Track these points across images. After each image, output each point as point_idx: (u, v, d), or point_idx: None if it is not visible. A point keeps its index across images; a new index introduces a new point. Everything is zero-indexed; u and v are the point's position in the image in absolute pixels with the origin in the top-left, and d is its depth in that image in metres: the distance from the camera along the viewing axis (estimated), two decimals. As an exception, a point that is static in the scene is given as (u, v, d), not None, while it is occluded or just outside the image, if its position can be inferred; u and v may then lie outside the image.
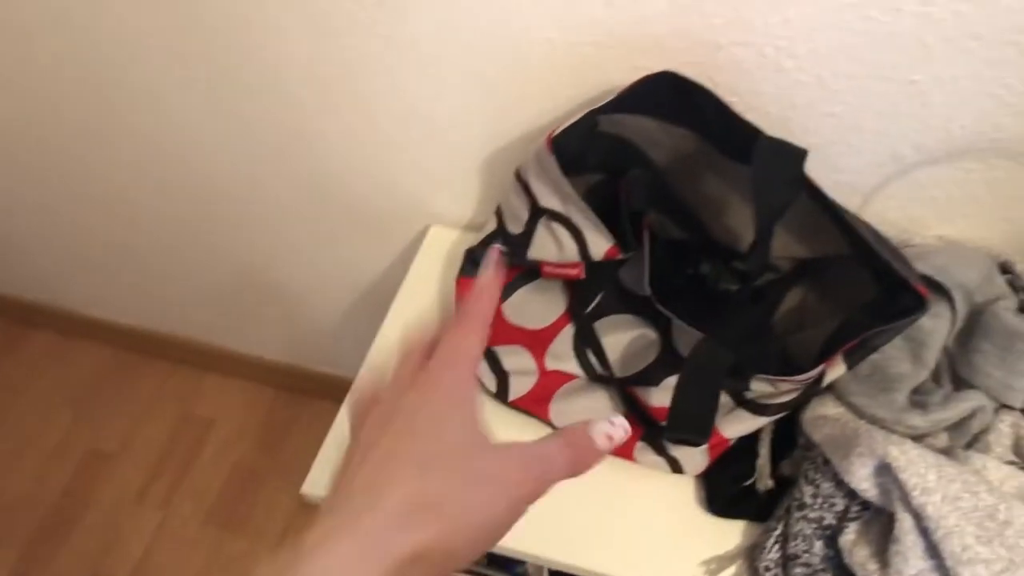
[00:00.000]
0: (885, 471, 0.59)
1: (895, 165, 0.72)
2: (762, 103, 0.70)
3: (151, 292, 1.41)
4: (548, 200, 0.73)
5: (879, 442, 0.58)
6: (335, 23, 0.77)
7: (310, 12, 0.77)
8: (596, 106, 0.68)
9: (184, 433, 1.61)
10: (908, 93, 0.66)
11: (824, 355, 0.62)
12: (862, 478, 0.60)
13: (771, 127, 0.71)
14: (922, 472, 0.57)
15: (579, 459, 0.40)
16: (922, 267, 0.68)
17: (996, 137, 0.66)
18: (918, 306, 0.59)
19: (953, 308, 0.67)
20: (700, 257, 0.77)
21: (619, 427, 0.41)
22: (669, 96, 0.68)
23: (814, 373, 0.63)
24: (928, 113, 0.67)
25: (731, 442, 0.72)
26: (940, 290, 0.68)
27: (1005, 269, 0.72)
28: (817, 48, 0.65)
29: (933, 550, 0.57)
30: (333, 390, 1.24)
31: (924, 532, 0.57)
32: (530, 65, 0.74)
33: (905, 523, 0.58)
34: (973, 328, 0.67)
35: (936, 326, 0.68)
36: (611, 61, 0.71)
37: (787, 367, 0.67)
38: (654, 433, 0.74)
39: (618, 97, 0.67)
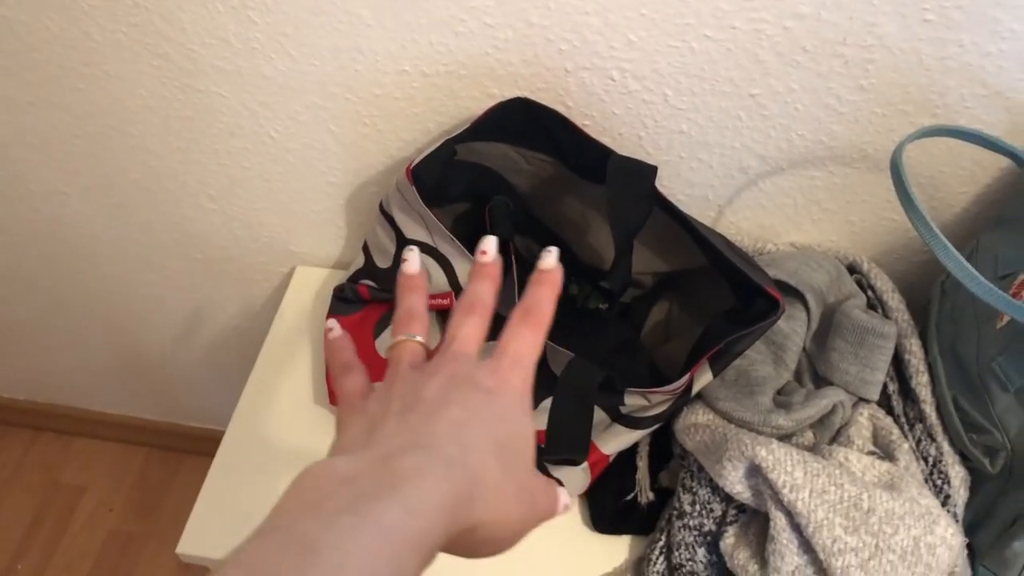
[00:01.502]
0: (755, 472, 0.61)
1: (743, 177, 0.75)
2: (614, 124, 0.72)
3: (3, 358, 1.33)
4: (414, 232, 0.73)
5: (747, 444, 0.60)
6: (181, 64, 0.75)
7: (154, 56, 0.74)
8: (452, 135, 0.69)
9: (52, 503, 1.51)
10: (748, 107, 0.69)
11: (689, 364, 0.64)
12: (735, 481, 0.62)
13: (626, 147, 0.73)
14: (789, 470, 0.58)
15: (549, 514, 0.41)
16: (775, 273, 0.70)
17: (832, 144, 0.70)
18: (772, 310, 0.61)
19: (807, 310, 0.70)
20: (567, 278, 0.79)
21: (569, 503, 0.43)
22: (523, 122, 0.69)
23: (682, 382, 0.64)
24: (768, 125, 0.70)
25: (611, 458, 0.72)
26: (794, 293, 0.71)
27: (853, 269, 0.75)
28: (660, 69, 0.67)
29: (807, 545, 0.59)
30: (209, 445, 1.19)
31: (797, 528, 0.59)
32: (386, 98, 0.74)
33: (779, 521, 0.59)
34: (827, 327, 0.70)
35: (793, 328, 0.70)
36: (466, 90, 0.72)
37: (657, 379, 0.69)
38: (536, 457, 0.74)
39: (472, 125, 0.68)
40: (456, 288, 0.73)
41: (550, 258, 0.45)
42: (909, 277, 0.79)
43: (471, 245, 0.74)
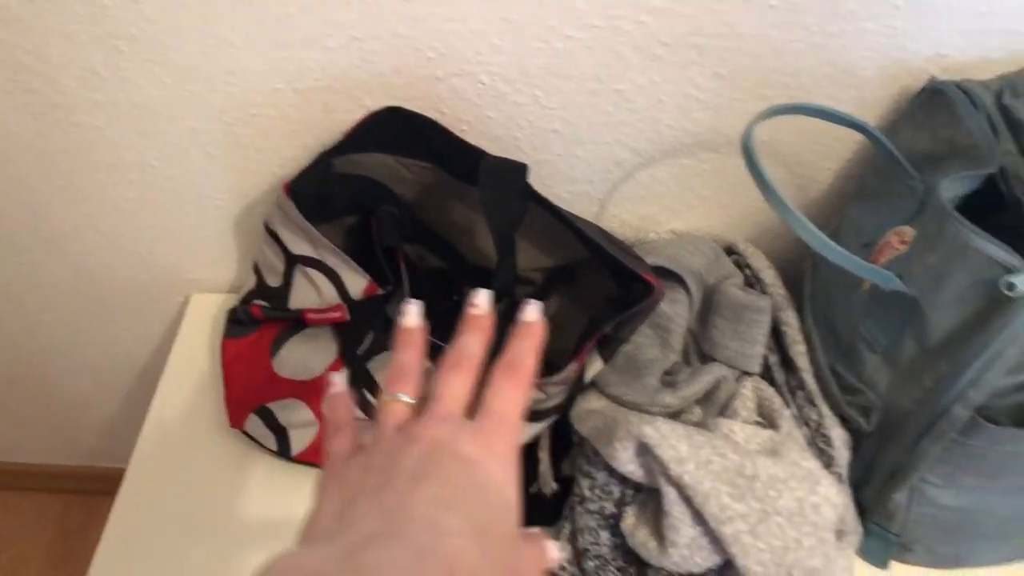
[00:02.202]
0: (644, 451, 0.63)
1: (619, 170, 0.77)
2: (490, 128, 0.74)
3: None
4: (299, 247, 0.73)
5: (634, 424, 0.62)
6: (52, 99, 0.74)
7: (24, 92, 0.73)
8: (328, 148, 0.70)
9: (-34, 563, 1.46)
10: (615, 101, 0.71)
11: (577, 352, 0.66)
12: (626, 461, 0.64)
13: (504, 149, 0.75)
14: (674, 444, 0.61)
15: None
16: (655, 260, 0.73)
17: (697, 132, 0.73)
18: (648, 293, 0.63)
19: (688, 292, 0.73)
20: (460, 283, 0.80)
21: (561, 556, 0.43)
22: (397, 131, 0.70)
23: (571, 370, 0.66)
24: (636, 118, 0.72)
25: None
26: (675, 278, 0.73)
27: (730, 251, 0.78)
28: (527, 70, 0.69)
29: (700, 516, 0.61)
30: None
31: (689, 501, 0.61)
32: (263, 117, 0.74)
33: (670, 495, 0.61)
34: (708, 307, 0.73)
35: (676, 311, 0.73)
36: (341, 103, 0.73)
37: (551, 370, 0.70)
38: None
39: (347, 137, 0.69)
40: (346, 299, 0.74)
41: (532, 310, 0.45)
42: (786, 255, 0.82)
43: (365, 258, 0.75)
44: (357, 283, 0.72)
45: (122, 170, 0.81)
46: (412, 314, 0.46)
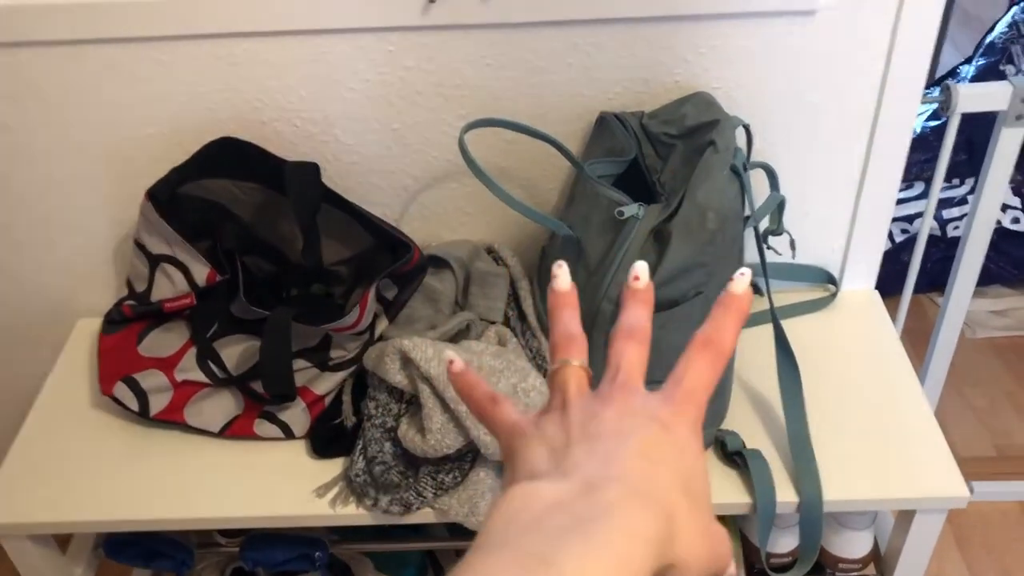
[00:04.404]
0: (407, 362, 0.87)
1: (406, 193, 1.05)
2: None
3: None
4: (157, 247, 0.97)
5: (397, 342, 0.86)
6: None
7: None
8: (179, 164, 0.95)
9: None
10: (393, 138, 1.00)
11: (356, 298, 0.90)
12: (395, 372, 0.87)
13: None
14: (423, 348, 0.85)
15: (724, 565, 0.40)
16: (429, 252, 0.99)
17: (457, 161, 1.01)
18: (414, 256, 0.89)
19: (454, 272, 0.99)
20: (289, 283, 1.04)
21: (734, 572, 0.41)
22: (230, 157, 0.96)
23: (362, 318, 0.90)
24: (411, 151, 1.01)
25: (326, 399, 0.96)
26: (444, 264, 1.00)
27: (489, 250, 1.05)
28: (328, 115, 0.98)
29: (446, 405, 0.85)
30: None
31: (438, 395, 0.85)
32: (137, 156, 1.00)
33: (424, 391, 0.85)
34: (468, 283, 0.99)
35: (444, 286, 0.99)
36: (194, 143, 0.98)
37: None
38: (266, 407, 0.97)
39: (194, 158, 0.95)
40: (194, 288, 0.97)
41: (741, 281, 0.43)
42: (529, 246, 1.08)
43: (211, 259, 0.99)
44: (201, 272, 0.96)
45: (7, 209, 1.04)
46: (563, 276, 0.46)
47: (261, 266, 1.05)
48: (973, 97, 1.01)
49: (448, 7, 0.89)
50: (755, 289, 1.04)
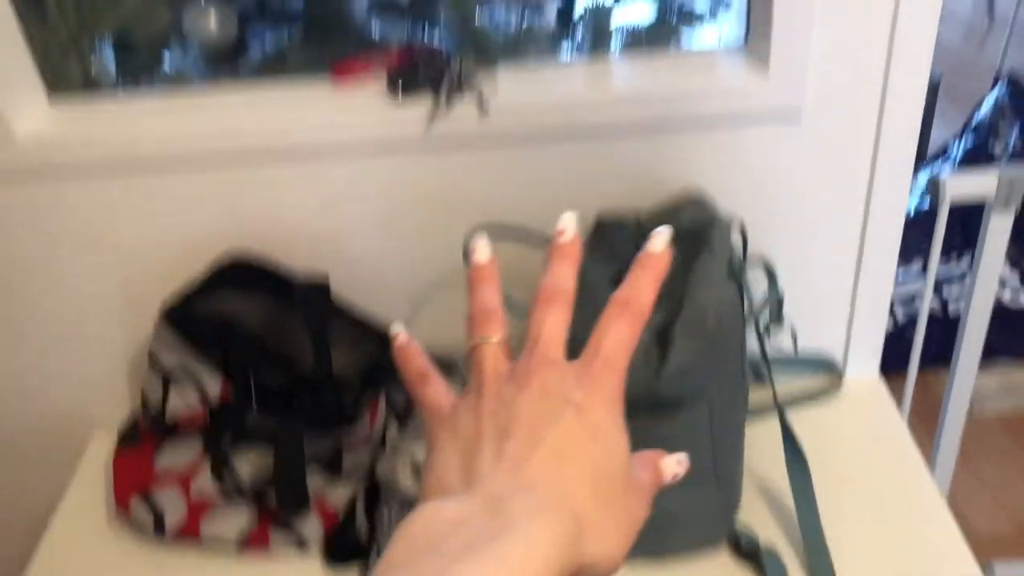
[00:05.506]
0: (420, 472, 0.87)
1: (413, 300, 1.07)
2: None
3: None
4: (172, 362, 0.99)
5: (408, 449, 0.87)
6: (-12, 272, 1.02)
7: (-33, 267, 1.01)
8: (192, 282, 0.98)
9: None
10: (399, 248, 1.03)
11: (369, 405, 0.92)
12: (407, 481, 0.88)
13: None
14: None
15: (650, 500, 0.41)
16: (437, 356, 1.01)
17: (463, 269, 1.04)
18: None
19: (462, 377, 1.01)
20: (301, 393, 1.06)
21: (682, 463, 0.43)
22: (241, 272, 0.99)
23: (373, 426, 0.91)
24: (415, 260, 1.03)
25: (339, 509, 0.97)
26: (451, 367, 1.01)
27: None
28: (334, 229, 1.01)
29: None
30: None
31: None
32: (154, 274, 1.03)
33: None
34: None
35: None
36: (206, 260, 1.01)
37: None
38: (281, 519, 0.97)
39: (206, 276, 0.98)
40: (208, 401, 0.99)
41: (660, 239, 0.43)
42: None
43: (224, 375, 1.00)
44: (214, 388, 0.98)
45: (28, 322, 1.07)
46: (483, 248, 0.45)
47: (272, 376, 1.07)
48: (960, 187, 1.04)
49: (448, 124, 0.93)
50: (759, 380, 1.06)
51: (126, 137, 0.93)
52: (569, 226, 0.44)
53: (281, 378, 1.07)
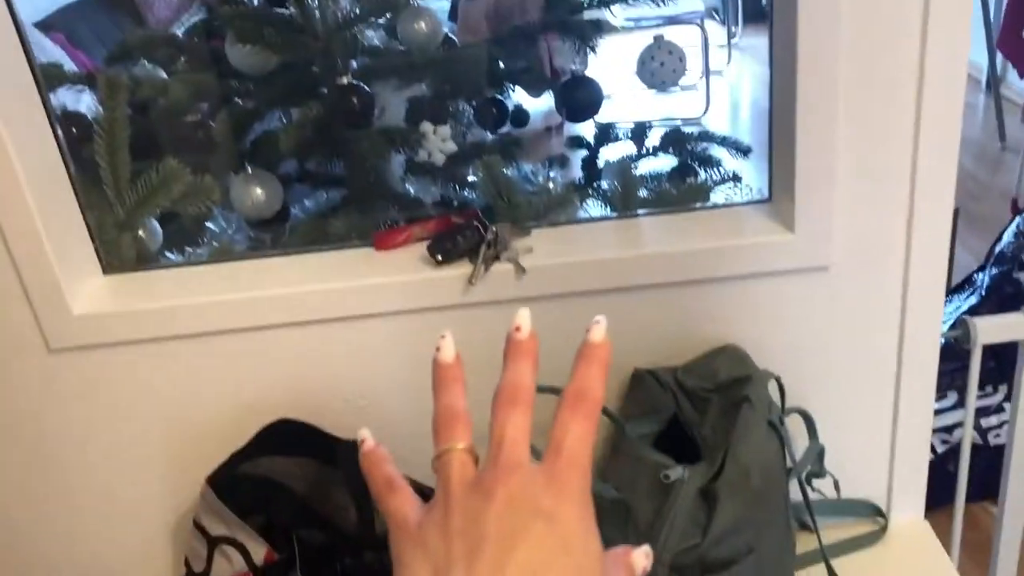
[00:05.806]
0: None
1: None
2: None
3: None
4: (216, 529, 0.99)
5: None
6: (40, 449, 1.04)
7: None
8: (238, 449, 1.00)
9: None
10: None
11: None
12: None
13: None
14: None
15: None
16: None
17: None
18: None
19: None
20: (343, 553, 1.05)
21: (649, 555, 0.43)
22: (285, 436, 1.01)
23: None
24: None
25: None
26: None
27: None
28: (375, 389, 1.03)
29: None
30: None
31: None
32: (197, 441, 1.05)
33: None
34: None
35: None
36: (250, 425, 1.03)
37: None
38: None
39: (250, 441, 0.99)
40: (252, 567, 0.99)
41: (598, 330, 0.44)
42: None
43: (269, 539, 1.01)
44: (258, 552, 0.98)
45: (77, 492, 1.08)
46: (447, 347, 0.44)
47: (315, 537, 1.07)
48: (991, 330, 1.05)
49: (486, 285, 0.96)
50: (803, 528, 1.05)
51: (175, 308, 0.97)
52: (524, 323, 0.46)
53: (324, 538, 1.07)
